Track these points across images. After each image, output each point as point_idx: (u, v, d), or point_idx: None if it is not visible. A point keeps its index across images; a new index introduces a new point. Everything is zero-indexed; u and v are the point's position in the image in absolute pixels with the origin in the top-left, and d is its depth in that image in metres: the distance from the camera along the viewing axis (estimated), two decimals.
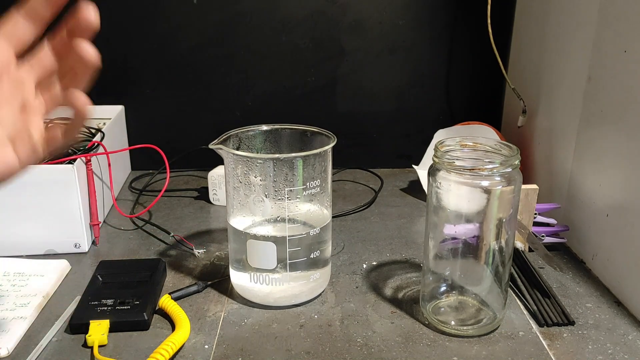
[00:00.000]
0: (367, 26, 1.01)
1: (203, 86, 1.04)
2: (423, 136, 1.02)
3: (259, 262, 0.62)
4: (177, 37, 1.00)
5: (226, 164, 0.63)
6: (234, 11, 0.99)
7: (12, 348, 0.56)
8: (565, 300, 0.65)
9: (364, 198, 0.95)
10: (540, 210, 0.75)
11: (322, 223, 0.63)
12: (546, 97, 0.88)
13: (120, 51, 1.00)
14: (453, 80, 1.05)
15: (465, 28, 1.02)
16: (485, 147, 0.58)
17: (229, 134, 0.63)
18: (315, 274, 0.64)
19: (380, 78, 1.05)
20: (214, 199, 0.92)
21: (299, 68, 1.03)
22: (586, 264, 0.73)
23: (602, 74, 0.70)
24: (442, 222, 0.59)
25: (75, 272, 0.71)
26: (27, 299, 0.63)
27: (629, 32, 0.64)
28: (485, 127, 0.95)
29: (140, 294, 0.62)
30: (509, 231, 0.58)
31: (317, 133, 0.65)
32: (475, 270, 0.61)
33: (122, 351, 0.56)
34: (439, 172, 0.57)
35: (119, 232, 0.82)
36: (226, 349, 0.57)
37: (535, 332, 0.60)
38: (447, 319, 0.60)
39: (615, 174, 0.67)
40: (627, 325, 0.61)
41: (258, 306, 0.64)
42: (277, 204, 0.61)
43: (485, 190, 0.55)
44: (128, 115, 1.04)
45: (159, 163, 0.89)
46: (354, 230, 0.83)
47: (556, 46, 0.84)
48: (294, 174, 0.60)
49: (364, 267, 0.73)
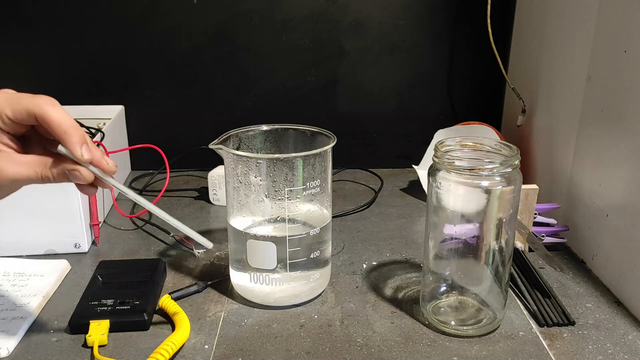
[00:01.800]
0: (367, 26, 1.01)
1: (203, 86, 1.04)
2: (423, 136, 1.02)
3: (259, 262, 0.62)
4: (177, 37, 1.00)
5: (226, 164, 0.63)
6: (234, 11, 0.99)
7: (12, 348, 0.56)
8: (566, 300, 0.65)
9: (364, 198, 0.95)
10: (540, 210, 0.75)
11: (322, 223, 0.63)
12: (546, 97, 0.88)
13: (120, 51, 1.01)
14: (453, 80, 1.05)
15: (465, 28, 1.02)
16: (485, 147, 0.58)
17: (229, 134, 0.63)
18: (315, 274, 0.64)
19: (380, 78, 1.05)
20: (214, 199, 0.92)
21: (299, 68, 1.03)
22: (586, 264, 0.73)
23: (602, 74, 0.70)
24: (442, 222, 0.59)
25: (75, 272, 0.71)
26: (27, 299, 0.63)
27: (629, 32, 0.64)
28: (485, 127, 0.95)
29: (140, 294, 0.62)
30: (509, 231, 0.58)
31: (317, 133, 0.65)
32: (475, 270, 0.61)
33: (122, 351, 0.56)
34: (439, 172, 0.57)
35: (119, 232, 0.82)
36: (226, 349, 0.57)
37: (535, 332, 0.60)
38: (447, 319, 0.60)
39: (615, 174, 0.67)
40: (627, 325, 0.61)
41: (258, 306, 0.64)
42: (277, 204, 0.61)
43: (485, 191, 0.55)
44: (128, 115, 1.04)
45: (159, 163, 0.89)
46: (354, 230, 0.83)
47: (556, 46, 0.84)
48: (294, 174, 0.60)
49: (364, 267, 0.73)
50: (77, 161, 0.47)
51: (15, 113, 0.45)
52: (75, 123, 0.47)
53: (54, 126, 0.45)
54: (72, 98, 1.01)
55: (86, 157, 0.47)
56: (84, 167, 0.47)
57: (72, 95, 1.02)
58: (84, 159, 0.47)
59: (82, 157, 0.46)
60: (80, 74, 1.02)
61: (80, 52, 1.00)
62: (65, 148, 0.46)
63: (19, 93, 0.47)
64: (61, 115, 0.46)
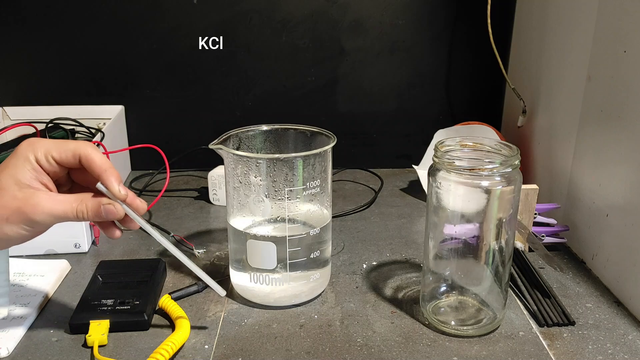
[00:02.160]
0: (367, 26, 1.01)
1: (203, 86, 1.04)
2: (423, 136, 1.02)
3: (259, 262, 0.62)
4: (177, 37, 1.00)
5: (226, 164, 0.63)
6: (234, 11, 0.99)
7: (12, 348, 0.56)
8: (565, 300, 0.65)
9: (364, 198, 0.95)
10: (540, 210, 0.75)
11: (322, 223, 0.63)
12: (546, 97, 0.88)
13: (120, 51, 1.01)
14: (453, 80, 1.05)
15: (465, 28, 1.02)
16: (485, 147, 0.58)
17: (229, 134, 0.63)
18: (315, 274, 0.64)
19: (380, 78, 1.05)
20: (214, 199, 0.92)
21: (299, 68, 1.03)
22: (586, 264, 0.73)
23: (602, 74, 0.70)
24: (442, 222, 0.59)
25: (75, 272, 0.71)
26: (27, 299, 0.63)
27: (629, 32, 0.64)
28: (485, 127, 0.95)
29: (140, 294, 0.62)
30: (509, 231, 0.58)
31: (317, 133, 0.65)
32: (475, 270, 0.61)
33: (122, 351, 0.56)
34: (439, 172, 0.57)
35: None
36: (226, 349, 0.57)
37: (535, 332, 0.60)
38: (447, 319, 0.60)
39: (615, 174, 0.67)
40: (627, 325, 0.61)
41: (258, 306, 0.64)
42: (277, 204, 0.61)
43: (485, 190, 0.55)
44: (128, 115, 1.04)
45: (159, 163, 0.89)
46: (354, 230, 0.83)
47: (556, 46, 0.84)
48: (294, 174, 0.60)
49: (364, 267, 0.73)
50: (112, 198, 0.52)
51: (62, 154, 0.50)
52: (112, 165, 0.52)
53: (97, 165, 0.51)
54: (72, 98, 1.01)
55: (123, 193, 0.52)
56: (117, 203, 0.52)
57: (72, 95, 1.02)
58: (121, 194, 0.51)
59: (119, 193, 0.51)
60: (80, 74, 1.02)
61: (80, 52, 1.00)
62: (104, 185, 0.51)
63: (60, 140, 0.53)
64: (102, 156, 0.52)
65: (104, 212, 0.51)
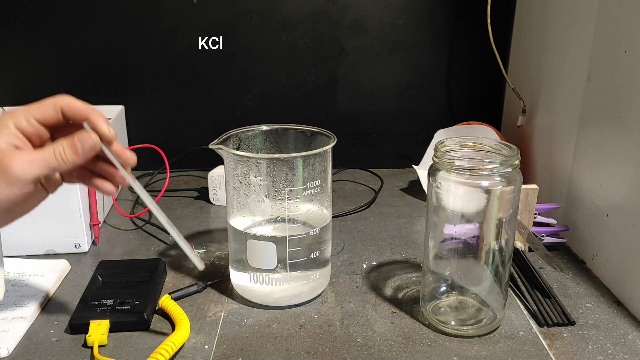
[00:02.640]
0: (367, 26, 1.01)
1: (203, 86, 1.04)
2: (423, 136, 1.02)
3: (259, 262, 0.62)
4: (177, 37, 1.00)
5: (226, 164, 0.63)
6: (234, 11, 0.99)
7: (12, 348, 0.56)
8: (565, 300, 0.65)
9: (364, 198, 0.95)
10: (540, 210, 0.75)
11: (322, 223, 0.63)
12: (546, 97, 0.88)
13: (120, 51, 1.01)
14: (453, 80, 1.05)
15: (465, 28, 1.02)
16: (485, 147, 0.58)
17: (229, 134, 0.63)
18: (315, 274, 0.64)
19: (380, 78, 1.05)
20: (214, 199, 0.92)
21: (299, 68, 1.03)
22: (586, 264, 0.73)
23: (602, 74, 0.70)
24: (442, 222, 0.59)
25: (75, 272, 0.71)
26: (27, 299, 0.63)
27: (629, 32, 0.64)
28: (485, 127, 0.95)
29: (140, 294, 0.62)
30: (509, 231, 0.58)
31: (317, 133, 0.65)
32: (475, 270, 0.61)
33: (122, 351, 0.56)
34: (439, 172, 0.57)
35: (119, 232, 0.82)
36: (226, 349, 0.57)
37: (535, 332, 0.60)
38: (447, 319, 0.60)
39: (615, 174, 0.67)
40: (627, 325, 0.61)
41: (258, 306, 0.64)
42: (277, 204, 0.61)
43: (485, 191, 0.55)
44: (128, 115, 1.04)
45: (159, 163, 0.89)
46: (354, 230, 0.83)
47: (556, 46, 0.84)
48: (294, 174, 0.60)
49: (364, 267, 0.73)
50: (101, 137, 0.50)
51: (43, 112, 0.49)
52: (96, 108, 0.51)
53: (80, 109, 0.50)
54: None
55: (112, 132, 0.50)
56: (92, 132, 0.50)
57: (72, 95, 1.01)
58: (110, 133, 0.50)
59: (107, 132, 0.50)
60: (80, 74, 1.02)
61: (80, 52, 1.00)
62: (90, 126, 0.50)
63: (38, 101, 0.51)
64: (83, 102, 0.50)
65: (79, 144, 0.49)
